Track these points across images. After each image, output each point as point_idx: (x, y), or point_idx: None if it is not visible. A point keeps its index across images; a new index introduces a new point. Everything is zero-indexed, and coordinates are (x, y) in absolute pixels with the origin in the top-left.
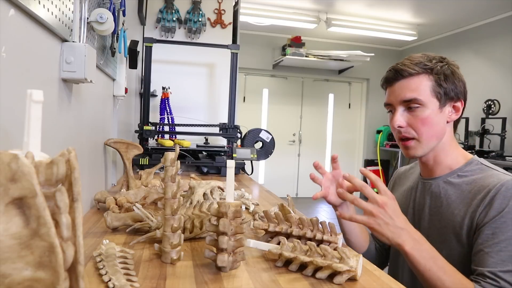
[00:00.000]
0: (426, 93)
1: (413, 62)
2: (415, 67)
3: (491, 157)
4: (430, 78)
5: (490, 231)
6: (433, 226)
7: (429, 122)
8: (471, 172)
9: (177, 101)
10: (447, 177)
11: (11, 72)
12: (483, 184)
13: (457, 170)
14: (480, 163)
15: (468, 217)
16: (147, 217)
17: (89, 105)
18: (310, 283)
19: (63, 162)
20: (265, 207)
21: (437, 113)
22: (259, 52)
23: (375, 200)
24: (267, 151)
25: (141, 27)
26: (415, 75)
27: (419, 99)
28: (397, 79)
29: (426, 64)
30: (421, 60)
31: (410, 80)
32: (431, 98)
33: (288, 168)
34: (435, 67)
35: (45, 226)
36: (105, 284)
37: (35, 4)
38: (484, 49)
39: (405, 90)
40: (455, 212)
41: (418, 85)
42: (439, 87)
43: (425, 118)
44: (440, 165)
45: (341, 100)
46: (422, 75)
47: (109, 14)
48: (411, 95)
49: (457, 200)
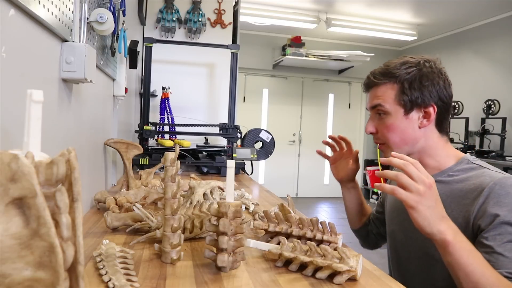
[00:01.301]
0: (389, 101)
1: (381, 71)
2: (381, 77)
3: (491, 157)
4: (393, 87)
5: (496, 232)
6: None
7: (394, 129)
8: (462, 171)
9: (177, 101)
10: (437, 177)
11: (11, 72)
12: (475, 183)
13: (447, 170)
14: (471, 162)
15: (462, 217)
16: (147, 217)
17: (89, 105)
18: (310, 283)
19: (63, 162)
20: (265, 207)
21: (402, 120)
22: (259, 52)
23: (422, 179)
24: (267, 151)
25: (141, 27)
26: (382, 84)
27: (383, 106)
28: (368, 86)
29: (392, 72)
30: (388, 69)
31: (377, 89)
32: (394, 105)
33: (288, 168)
34: (400, 75)
35: (45, 226)
36: (105, 284)
37: (35, 4)
38: (484, 49)
39: (372, 97)
40: (447, 212)
41: (383, 93)
42: (402, 95)
43: (390, 125)
44: (427, 167)
45: (341, 100)
46: (388, 84)
47: (109, 14)
48: (375, 102)
49: (447, 200)
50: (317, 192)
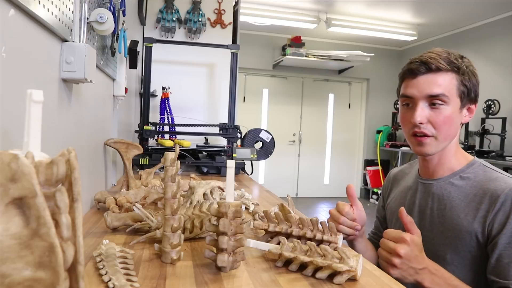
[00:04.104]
0: (452, 91)
1: (441, 56)
2: (444, 63)
3: (491, 157)
4: (456, 77)
5: (506, 240)
6: (435, 228)
7: (450, 121)
8: (474, 174)
9: (177, 101)
10: (449, 179)
11: (11, 72)
12: (489, 188)
13: (459, 171)
14: (483, 165)
15: (478, 222)
16: (147, 217)
17: (89, 105)
18: (310, 283)
19: (63, 162)
20: (265, 207)
21: (457, 113)
22: (259, 52)
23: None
24: (267, 151)
25: (141, 27)
26: (443, 71)
27: (446, 96)
28: (423, 71)
29: (453, 61)
30: (447, 56)
31: (437, 75)
32: (455, 97)
33: (288, 168)
34: (461, 66)
35: (45, 226)
36: (105, 284)
37: (35, 4)
38: (484, 49)
39: (432, 85)
40: (461, 216)
41: (446, 82)
42: (463, 87)
43: (448, 116)
44: (442, 166)
45: (341, 100)
46: (450, 72)
47: (109, 14)
48: (438, 91)
49: (461, 204)
50: (317, 192)
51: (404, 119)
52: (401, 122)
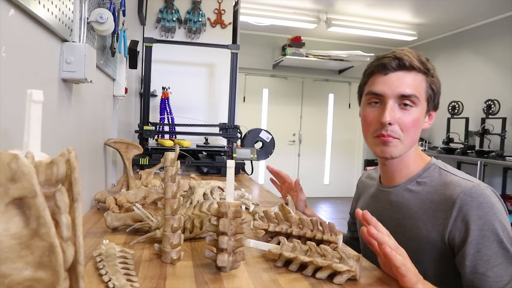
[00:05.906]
0: (422, 93)
1: (413, 55)
2: (416, 62)
3: (491, 157)
4: (426, 79)
5: (474, 249)
6: (397, 239)
7: (417, 125)
8: (430, 178)
9: (177, 101)
10: (407, 185)
11: (11, 72)
12: (445, 193)
13: (415, 176)
14: (439, 167)
15: (436, 231)
16: (147, 217)
17: (89, 105)
18: (310, 283)
19: (63, 162)
20: (265, 207)
21: (423, 117)
22: (259, 52)
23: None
24: (267, 151)
25: (141, 27)
26: (415, 71)
27: (417, 98)
28: (395, 68)
29: (424, 62)
30: (418, 56)
31: (409, 74)
32: (424, 100)
33: (288, 168)
34: (430, 69)
35: (45, 226)
36: (105, 284)
37: (35, 4)
38: (484, 49)
39: (404, 84)
40: (420, 225)
41: (417, 82)
42: (431, 90)
43: (416, 119)
44: (400, 172)
45: (341, 100)
46: (421, 73)
47: (109, 14)
48: (410, 91)
49: (419, 211)
50: (317, 192)
51: (369, 119)
52: (364, 121)
